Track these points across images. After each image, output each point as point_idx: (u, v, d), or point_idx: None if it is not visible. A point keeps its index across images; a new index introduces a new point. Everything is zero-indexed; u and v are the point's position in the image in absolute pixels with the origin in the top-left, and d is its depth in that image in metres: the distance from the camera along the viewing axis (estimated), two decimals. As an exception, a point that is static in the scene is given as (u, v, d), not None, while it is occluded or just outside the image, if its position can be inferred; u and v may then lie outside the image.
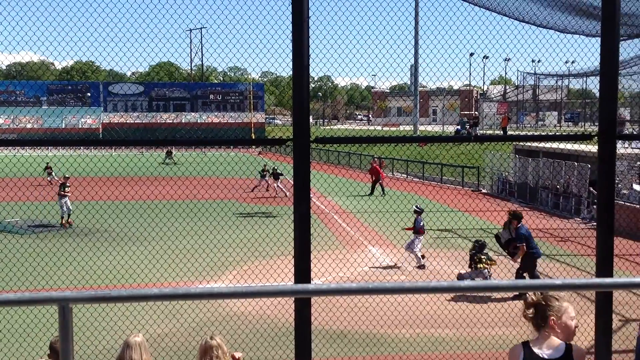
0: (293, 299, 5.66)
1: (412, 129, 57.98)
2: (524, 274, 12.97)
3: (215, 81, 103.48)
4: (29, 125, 72.31)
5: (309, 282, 6.59)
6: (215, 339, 5.44)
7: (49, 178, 34.25)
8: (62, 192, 21.71)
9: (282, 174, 28.64)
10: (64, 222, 21.74)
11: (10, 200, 20.02)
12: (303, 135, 5.84)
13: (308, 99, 5.84)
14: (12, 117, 71.68)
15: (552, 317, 4.04)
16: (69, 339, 2.74)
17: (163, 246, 15.86)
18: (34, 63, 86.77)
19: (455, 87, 77.59)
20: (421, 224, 15.66)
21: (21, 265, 13.87)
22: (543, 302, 4.08)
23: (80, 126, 76.07)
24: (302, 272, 6.38)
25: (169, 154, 51.37)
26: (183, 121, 79.52)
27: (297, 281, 6.42)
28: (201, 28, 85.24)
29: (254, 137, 66.45)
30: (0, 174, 14.73)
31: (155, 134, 67.51)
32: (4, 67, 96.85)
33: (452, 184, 33.51)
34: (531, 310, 4.12)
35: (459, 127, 55.01)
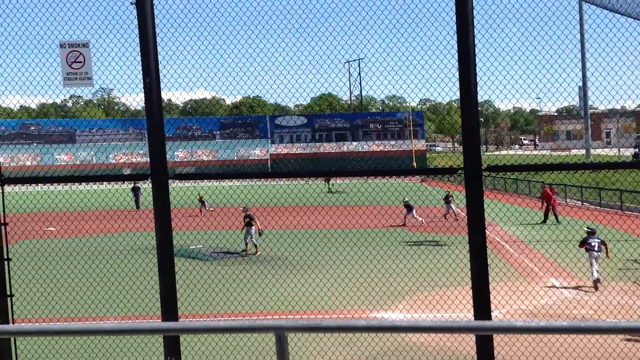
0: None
1: (584, 153, 54.80)
2: None
3: (375, 110, 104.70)
4: (204, 158, 77.45)
5: (489, 314, 6.30)
6: None
7: (206, 207, 35.41)
8: (248, 222, 22.32)
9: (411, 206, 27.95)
10: (247, 250, 22.27)
11: (193, 229, 21.39)
12: (474, 163, 5.65)
13: (478, 128, 5.70)
14: (190, 151, 77.21)
15: None
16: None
17: (340, 274, 16.08)
18: (206, 100, 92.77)
19: (630, 108, 72.27)
20: (589, 242, 15.15)
21: (211, 288, 14.68)
22: None
23: (250, 158, 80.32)
24: (482, 303, 6.12)
25: (327, 182, 52.42)
26: (345, 150, 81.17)
27: (476, 313, 6.16)
28: (359, 59, 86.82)
29: (415, 165, 66.39)
30: (181, 203, 15.75)
31: (319, 163, 69.39)
32: (181, 105, 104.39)
33: (636, 211, 31.02)
34: None
35: (637, 150, 51.25)
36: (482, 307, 6.10)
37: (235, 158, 79.14)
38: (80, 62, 6.46)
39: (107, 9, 6.47)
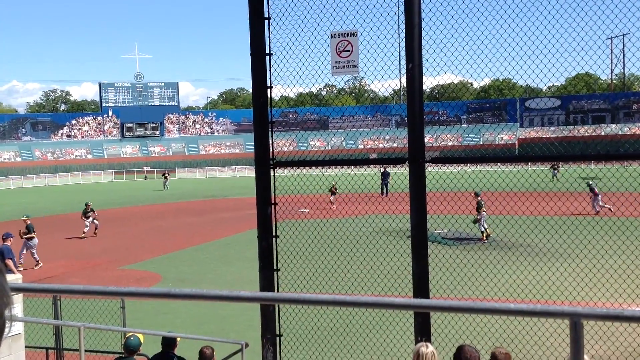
0: None
1: None
2: None
3: (639, 90, 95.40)
4: (449, 143, 77.33)
5: None
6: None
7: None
8: (478, 208, 22.84)
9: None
10: (483, 237, 22.68)
11: (441, 213, 21.52)
12: None
13: None
14: (434, 136, 77.61)
15: None
16: (580, 354, 2.72)
17: (596, 264, 15.10)
18: (454, 84, 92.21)
19: None
20: None
21: (456, 272, 14.74)
22: None
23: (496, 142, 78.32)
24: None
25: (555, 169, 48.86)
26: (602, 134, 75.30)
27: None
28: (623, 35, 79.76)
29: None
30: (436, 187, 15.88)
31: (573, 147, 65.36)
32: (428, 90, 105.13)
33: None
34: None
35: None
36: None
37: (481, 142, 77.80)
38: (349, 50, 6.89)
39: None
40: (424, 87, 6.60)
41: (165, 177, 63.48)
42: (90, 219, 29.17)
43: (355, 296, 3.21)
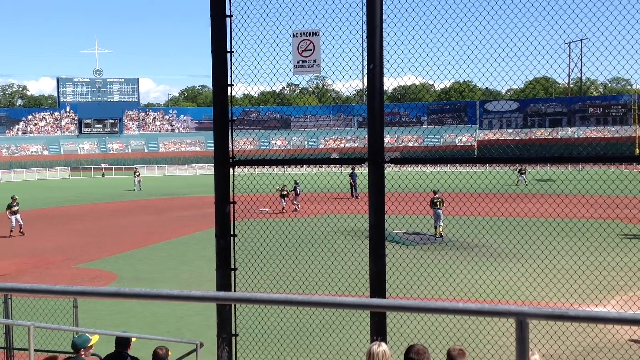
0: None
1: None
2: None
3: (595, 94, 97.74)
4: (410, 144, 78.03)
5: None
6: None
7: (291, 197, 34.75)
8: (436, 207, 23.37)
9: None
10: (436, 232, 23.19)
11: (399, 213, 21.75)
12: None
13: None
14: (395, 136, 78.20)
15: None
16: (525, 352, 2.77)
17: (548, 265, 15.45)
18: (415, 86, 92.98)
19: None
20: None
21: (412, 272, 14.85)
22: None
23: (456, 143, 79.32)
24: None
25: (521, 173, 48.97)
26: (559, 136, 76.95)
27: None
28: (581, 40, 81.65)
29: (639, 152, 61.47)
30: (395, 188, 16.01)
31: (529, 150, 66.65)
32: (390, 91, 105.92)
33: None
34: None
35: None
36: None
37: (441, 144, 78.75)
38: (310, 50, 6.89)
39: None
40: (386, 88, 6.64)
41: (137, 175, 56.27)
42: (17, 215, 27.55)
43: (309, 296, 3.22)
